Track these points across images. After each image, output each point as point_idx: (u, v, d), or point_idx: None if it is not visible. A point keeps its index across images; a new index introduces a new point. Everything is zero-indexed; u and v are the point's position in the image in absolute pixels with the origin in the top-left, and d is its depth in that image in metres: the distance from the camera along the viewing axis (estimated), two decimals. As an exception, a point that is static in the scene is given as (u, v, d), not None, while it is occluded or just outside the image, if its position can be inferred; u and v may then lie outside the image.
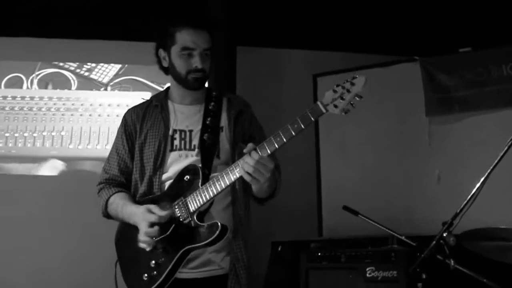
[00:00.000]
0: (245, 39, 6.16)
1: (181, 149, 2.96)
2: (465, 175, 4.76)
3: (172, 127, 3.00)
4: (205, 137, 2.93)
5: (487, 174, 3.06)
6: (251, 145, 2.61)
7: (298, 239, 5.11)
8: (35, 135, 5.84)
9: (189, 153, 2.94)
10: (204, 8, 5.57)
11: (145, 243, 2.77)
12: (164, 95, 3.12)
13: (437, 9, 5.81)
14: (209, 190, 2.72)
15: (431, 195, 5.20)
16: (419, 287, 3.11)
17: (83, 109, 5.94)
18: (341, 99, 2.48)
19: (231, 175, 2.67)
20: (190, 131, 2.98)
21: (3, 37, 5.86)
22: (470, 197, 3.07)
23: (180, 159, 2.94)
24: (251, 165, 2.55)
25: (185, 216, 2.75)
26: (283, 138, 2.54)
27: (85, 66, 6.09)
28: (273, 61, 6.54)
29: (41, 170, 5.84)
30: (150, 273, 2.77)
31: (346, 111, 2.51)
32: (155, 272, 2.76)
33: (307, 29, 6.24)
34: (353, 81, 2.49)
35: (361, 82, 2.48)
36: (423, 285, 3.10)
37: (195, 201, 2.74)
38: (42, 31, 5.85)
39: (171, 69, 3.00)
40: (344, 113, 2.51)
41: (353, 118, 5.26)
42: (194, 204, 2.74)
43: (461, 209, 3.08)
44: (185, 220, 2.75)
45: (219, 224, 2.67)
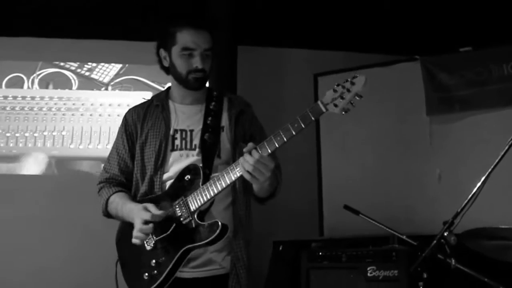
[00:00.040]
0: (246, 38, 6.16)
1: (182, 149, 2.96)
2: (466, 174, 4.76)
3: (173, 127, 3.00)
4: (206, 137, 2.93)
5: (488, 173, 3.06)
6: (251, 145, 2.61)
7: (299, 238, 5.11)
8: (36, 135, 5.84)
9: (190, 152, 2.95)
10: (205, 7, 5.57)
11: (138, 238, 2.77)
12: (165, 95, 3.12)
13: (438, 9, 5.81)
14: (210, 189, 2.72)
15: (432, 194, 5.19)
16: (420, 286, 3.10)
17: (84, 109, 5.94)
18: (341, 98, 2.49)
19: (231, 174, 2.67)
20: (191, 131, 2.98)
21: (4, 37, 5.86)
22: (471, 196, 3.07)
23: (181, 158, 2.94)
24: (251, 164, 2.55)
25: (186, 215, 2.75)
26: (284, 137, 2.55)
27: (85, 66, 6.09)
28: (274, 60, 6.54)
29: (42, 170, 5.84)
30: (150, 272, 2.77)
31: (346, 111, 2.51)
32: (155, 271, 2.76)
33: (308, 29, 6.24)
34: (353, 81, 2.49)
35: (361, 81, 2.48)
36: (424, 284, 3.09)
37: (195, 201, 2.75)
38: (42, 31, 5.84)
39: (171, 69, 3.00)
40: (344, 113, 2.51)
41: (354, 117, 5.27)
42: (194, 203, 2.75)
43: (462, 209, 3.08)
44: (185, 219, 2.75)
45: (220, 223, 2.67)
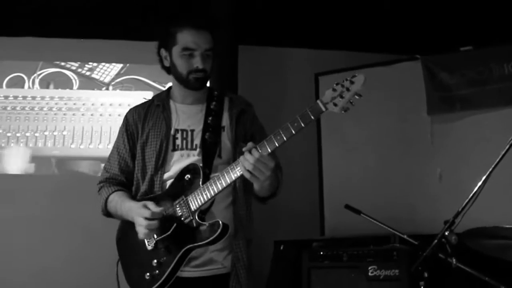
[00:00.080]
0: (247, 38, 6.16)
1: (183, 149, 2.96)
2: (467, 173, 4.76)
3: (174, 127, 3.00)
4: (207, 136, 2.93)
5: (489, 172, 3.05)
6: (251, 144, 2.61)
7: (300, 238, 5.11)
8: (37, 134, 5.84)
9: (191, 152, 2.95)
10: (205, 7, 5.56)
11: (145, 235, 2.77)
12: (165, 95, 3.13)
13: (439, 8, 5.81)
14: (210, 189, 2.72)
15: (433, 194, 5.19)
16: (421, 285, 3.10)
17: (84, 109, 5.94)
18: (341, 97, 2.49)
19: (231, 173, 2.67)
20: (192, 130, 2.99)
21: (4, 37, 5.85)
22: (471, 195, 3.06)
23: (182, 158, 2.95)
24: (251, 163, 2.55)
25: (187, 215, 2.76)
26: (283, 136, 2.55)
27: (86, 65, 6.09)
28: (275, 60, 6.54)
29: (43, 170, 5.84)
30: (152, 272, 2.78)
31: (345, 110, 2.51)
32: (157, 271, 2.77)
33: (309, 28, 6.24)
34: (352, 80, 2.49)
35: (361, 80, 2.48)
36: (425, 283, 3.09)
37: (196, 200, 2.75)
38: (43, 30, 5.84)
39: (172, 69, 3.00)
40: (343, 112, 2.51)
41: (355, 117, 5.34)
42: (195, 203, 2.75)
43: (462, 208, 3.07)
44: (186, 219, 2.76)
45: (221, 222, 2.68)
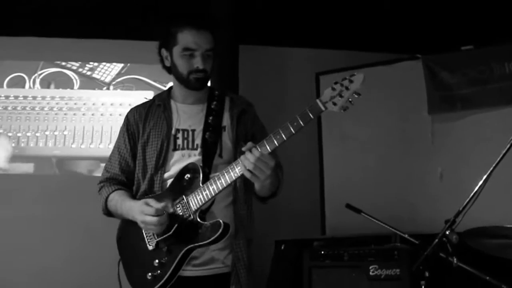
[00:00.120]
0: (247, 37, 6.16)
1: (184, 149, 2.96)
2: (468, 173, 4.75)
3: (174, 127, 3.01)
4: (207, 136, 2.94)
5: (490, 172, 3.06)
6: (251, 144, 2.62)
7: (301, 237, 5.11)
8: (38, 134, 5.84)
9: (191, 152, 2.95)
10: (206, 7, 5.56)
11: (156, 231, 2.78)
12: (166, 95, 3.13)
13: (439, 7, 5.81)
14: (210, 188, 2.72)
15: (434, 193, 5.19)
16: (422, 285, 3.10)
17: (85, 109, 5.94)
18: (340, 96, 2.49)
19: (231, 173, 2.67)
20: (192, 130, 2.99)
21: (5, 36, 5.85)
22: (472, 195, 3.07)
23: (183, 158, 2.95)
24: (252, 162, 2.55)
25: (187, 215, 2.76)
26: (283, 136, 2.55)
27: (87, 65, 6.09)
28: (276, 59, 6.54)
29: (44, 169, 5.84)
30: (154, 272, 2.78)
31: (344, 109, 2.51)
32: (159, 271, 2.78)
33: (310, 27, 6.24)
34: (351, 79, 2.49)
35: (360, 79, 2.48)
36: (426, 283, 3.09)
37: (196, 200, 2.75)
38: (44, 30, 5.84)
39: (173, 69, 3.00)
40: (343, 111, 2.51)
41: (355, 116, 5.35)
42: (195, 203, 2.75)
43: (463, 207, 3.08)
44: (187, 219, 2.76)
45: (222, 222, 2.68)
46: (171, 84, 3.16)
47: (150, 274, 2.79)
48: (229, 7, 5.79)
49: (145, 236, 2.87)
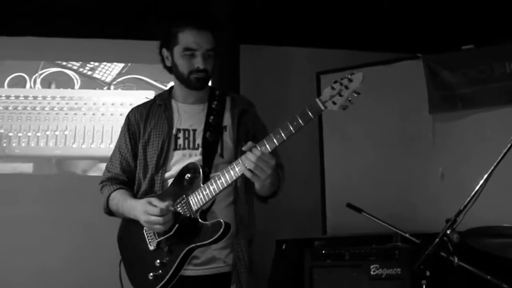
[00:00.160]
0: (248, 37, 6.16)
1: (185, 148, 2.96)
2: (469, 172, 4.75)
3: (175, 126, 3.00)
4: (208, 136, 2.94)
5: (490, 171, 3.05)
6: (251, 143, 2.62)
7: (302, 237, 5.11)
8: (39, 134, 5.84)
9: (192, 152, 2.95)
10: (206, 7, 5.56)
11: (161, 230, 2.78)
12: (167, 94, 3.13)
13: (440, 7, 5.80)
14: (211, 188, 2.72)
15: (435, 193, 5.19)
16: (423, 284, 3.10)
17: (86, 108, 5.94)
18: (339, 95, 2.49)
19: (232, 172, 2.67)
20: (193, 130, 2.99)
21: (6, 36, 5.85)
22: (473, 194, 3.07)
23: (184, 158, 2.95)
24: (253, 161, 2.55)
25: (188, 214, 2.76)
26: (283, 135, 2.55)
27: (88, 65, 6.08)
28: (276, 59, 6.53)
29: (45, 169, 5.84)
30: (155, 272, 2.78)
31: (344, 108, 2.51)
32: (160, 271, 2.78)
33: (310, 27, 6.24)
34: (350, 78, 2.49)
35: (359, 78, 2.48)
36: (427, 282, 3.09)
37: (197, 200, 2.75)
38: (44, 30, 5.84)
39: (174, 68, 3.00)
40: (342, 110, 2.51)
41: (356, 116, 5.35)
42: (196, 202, 2.75)
43: (464, 206, 3.08)
44: (188, 219, 2.76)
45: (222, 222, 2.68)
46: (172, 83, 3.16)
47: (151, 274, 2.79)
48: (229, 7, 5.79)
49: (146, 236, 2.87)
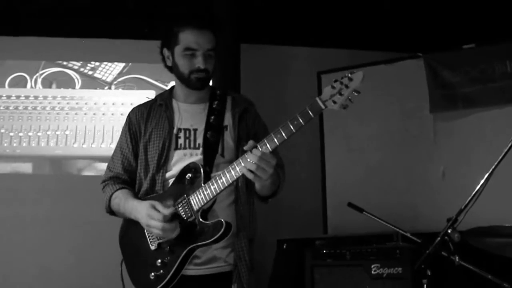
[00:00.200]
0: (249, 36, 6.16)
1: (185, 148, 2.96)
2: (470, 171, 4.75)
3: (176, 126, 3.00)
4: (208, 135, 2.93)
5: (492, 170, 3.05)
6: (252, 142, 2.61)
7: (303, 236, 5.11)
8: (40, 134, 5.84)
9: (193, 151, 2.95)
10: (207, 6, 5.56)
11: (161, 236, 2.78)
12: (168, 94, 3.13)
13: (441, 6, 5.80)
14: (212, 188, 2.71)
15: (436, 192, 5.19)
16: (424, 283, 3.10)
17: (87, 108, 5.94)
18: (340, 94, 2.48)
19: (233, 172, 2.66)
20: (194, 130, 2.99)
21: (6, 36, 5.86)
22: (474, 193, 3.07)
23: (184, 157, 2.95)
24: (254, 163, 2.55)
25: (189, 214, 2.76)
26: (284, 134, 2.54)
27: (89, 65, 6.09)
28: (277, 58, 6.53)
29: (46, 169, 5.84)
30: (156, 272, 2.79)
31: (344, 107, 2.51)
32: (161, 271, 2.78)
33: (311, 26, 6.24)
34: (351, 77, 2.48)
35: (359, 77, 2.48)
36: (428, 281, 3.09)
37: (198, 199, 2.75)
38: (45, 30, 5.84)
39: (174, 68, 3.00)
40: (343, 109, 2.51)
41: (357, 115, 5.35)
42: (197, 202, 2.75)
43: (465, 206, 3.08)
44: (189, 218, 2.76)
45: (223, 221, 2.68)
46: (172, 83, 3.16)
47: (153, 273, 2.79)
48: (230, 7, 5.79)
49: (147, 236, 2.87)
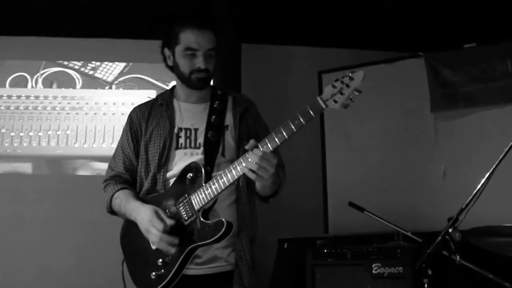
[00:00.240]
0: (250, 36, 6.16)
1: (186, 147, 2.96)
2: (471, 170, 4.75)
3: (177, 125, 3.00)
4: (209, 135, 2.94)
5: (492, 169, 3.05)
6: (253, 142, 2.61)
7: (304, 236, 5.11)
8: (40, 134, 5.85)
9: (194, 151, 2.95)
10: (208, 6, 5.56)
11: (165, 249, 2.77)
12: (169, 94, 3.13)
13: (442, 5, 5.80)
14: (213, 187, 2.71)
15: (437, 191, 5.19)
16: (425, 282, 3.10)
17: (88, 108, 5.94)
18: (340, 94, 2.49)
19: (234, 172, 2.67)
20: (195, 129, 2.99)
21: (7, 36, 5.86)
22: (475, 192, 3.07)
23: (185, 157, 2.95)
24: (255, 162, 2.55)
25: (190, 214, 2.76)
26: (284, 134, 2.55)
27: (89, 64, 6.10)
28: (278, 58, 6.54)
29: (47, 169, 5.84)
30: (158, 272, 2.78)
31: (345, 106, 2.51)
32: (162, 270, 2.78)
33: (312, 26, 6.24)
34: (351, 76, 2.49)
35: (360, 76, 2.48)
36: (429, 281, 3.09)
37: (199, 199, 2.75)
38: (45, 30, 5.85)
39: (175, 68, 3.01)
40: (344, 108, 2.51)
41: (358, 114, 5.35)
42: (198, 201, 2.75)
43: (466, 205, 3.08)
44: (190, 218, 2.76)
45: (224, 221, 2.68)
46: (173, 83, 3.16)
47: (154, 273, 2.79)
48: (231, 6, 5.78)
49: (148, 235, 2.87)
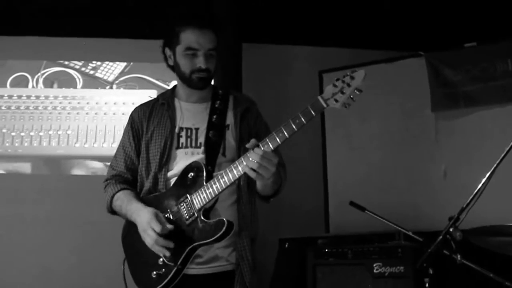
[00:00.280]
0: (251, 36, 6.16)
1: (187, 147, 2.96)
2: (471, 170, 4.74)
3: (178, 125, 3.01)
4: (210, 135, 2.94)
5: (493, 169, 3.05)
6: (254, 141, 2.61)
7: (305, 235, 5.11)
8: (41, 134, 5.85)
9: (195, 150, 2.95)
10: (209, 5, 5.56)
11: (159, 252, 2.78)
12: (170, 93, 3.13)
13: (442, 4, 5.80)
14: (214, 187, 2.72)
15: (437, 191, 5.19)
16: (426, 282, 3.10)
17: (88, 108, 5.95)
18: (341, 93, 2.49)
19: (235, 171, 2.67)
20: (196, 129, 2.99)
21: (8, 36, 5.87)
22: (476, 192, 3.07)
23: (186, 156, 2.95)
24: (256, 161, 2.55)
25: (191, 213, 2.76)
26: (285, 133, 2.54)
27: (90, 64, 6.10)
28: (279, 57, 6.54)
29: (47, 169, 5.85)
30: (158, 271, 2.78)
31: (346, 105, 2.51)
32: (163, 269, 2.78)
33: (313, 26, 6.24)
34: (352, 75, 2.49)
35: (361, 75, 2.48)
36: (430, 280, 3.09)
37: (200, 198, 2.75)
38: (46, 30, 5.86)
39: (176, 68, 3.01)
40: (345, 107, 2.51)
41: (359, 114, 5.36)
42: (199, 201, 2.75)
43: (467, 204, 3.08)
44: (191, 217, 2.76)
45: (225, 220, 2.68)
46: (174, 82, 3.16)
47: (155, 272, 2.79)
48: (232, 6, 5.79)
49: (149, 235, 2.87)
